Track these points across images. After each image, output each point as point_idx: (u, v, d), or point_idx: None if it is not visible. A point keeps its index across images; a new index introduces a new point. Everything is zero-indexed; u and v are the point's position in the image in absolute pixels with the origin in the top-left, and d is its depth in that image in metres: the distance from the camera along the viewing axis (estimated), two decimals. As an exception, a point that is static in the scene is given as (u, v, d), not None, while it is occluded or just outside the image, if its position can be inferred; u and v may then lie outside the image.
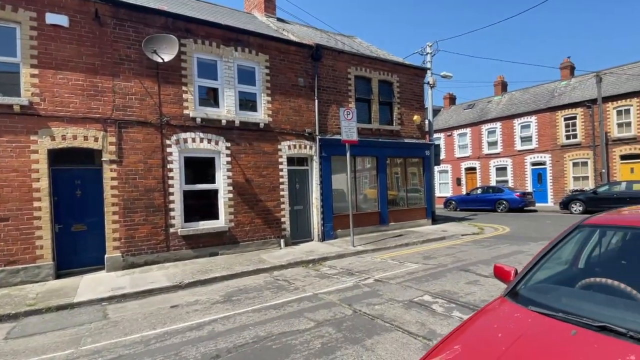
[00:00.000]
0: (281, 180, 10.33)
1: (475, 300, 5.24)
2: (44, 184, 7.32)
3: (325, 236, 11.08)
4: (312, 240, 11.14)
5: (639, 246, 2.89)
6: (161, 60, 8.23)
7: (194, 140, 9.00)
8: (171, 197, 8.66)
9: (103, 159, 7.95)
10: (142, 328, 4.82)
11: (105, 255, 7.91)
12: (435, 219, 14.74)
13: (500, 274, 2.74)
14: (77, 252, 7.88)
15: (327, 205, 11.16)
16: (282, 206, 10.32)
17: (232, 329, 4.63)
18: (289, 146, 10.51)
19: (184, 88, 8.92)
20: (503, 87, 27.33)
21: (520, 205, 19.15)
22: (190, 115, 8.93)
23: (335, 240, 11.07)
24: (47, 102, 7.41)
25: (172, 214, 8.65)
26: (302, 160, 11.15)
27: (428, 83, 13.81)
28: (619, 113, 19.73)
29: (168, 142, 8.68)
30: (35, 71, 7.32)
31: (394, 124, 12.98)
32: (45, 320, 5.37)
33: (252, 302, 5.72)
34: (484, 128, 25.44)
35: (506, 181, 24.00)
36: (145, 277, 7.43)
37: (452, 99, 31.25)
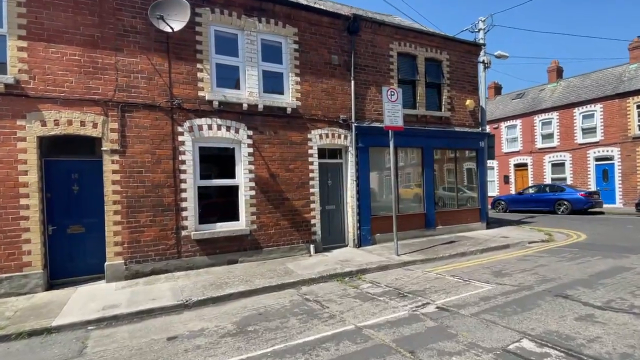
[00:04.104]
0: (311, 175, 8.78)
1: (610, 354, 3.42)
2: (33, 177, 6.17)
3: (361, 241, 9.44)
4: (346, 245, 9.53)
5: None
6: (170, 30, 6.90)
7: (210, 127, 7.63)
8: (183, 195, 7.34)
9: (103, 148, 6.74)
10: (119, 378, 3.41)
11: (105, 263, 6.69)
12: (489, 222, 12.68)
13: None
14: (73, 258, 6.71)
15: (364, 205, 9.51)
16: (312, 206, 8.78)
17: (241, 389, 3.11)
18: (321, 135, 8.94)
19: (198, 66, 7.57)
20: (558, 73, 24.34)
21: (586, 206, 16.54)
22: (206, 98, 7.57)
23: (373, 247, 9.39)
24: (38, 81, 6.27)
25: (184, 214, 7.33)
26: (335, 152, 9.55)
27: (483, 62, 11.79)
28: None
29: (180, 129, 7.36)
30: (24, 44, 6.18)
31: (443, 110, 11.08)
32: (8, 352, 4.12)
33: (274, 336, 4.20)
34: (537, 119, 22.68)
35: (564, 179, 21.21)
36: (148, 290, 6.13)
37: (497, 89, 28.45)
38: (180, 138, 7.35)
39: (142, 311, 5.24)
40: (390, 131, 8.25)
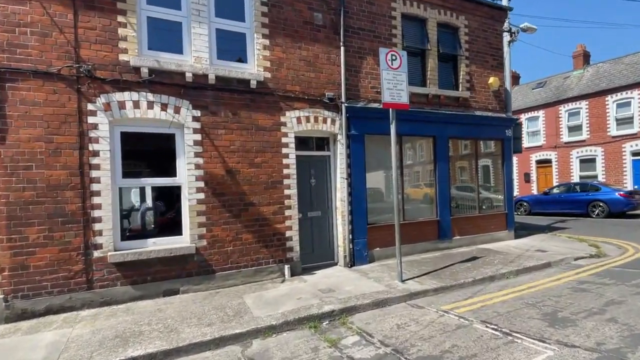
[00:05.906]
0: (286, 172, 6.57)
1: None
2: None
3: (355, 258, 7.21)
4: (335, 263, 7.31)
5: None
6: (63, -40, 4.75)
7: (137, 104, 5.47)
8: (96, 200, 5.19)
9: (-32, 133, 4.63)
10: None
11: (-29, 300, 4.58)
12: (515, 229, 10.32)
13: None
14: None
15: (358, 211, 7.28)
16: (288, 213, 6.57)
17: None
18: (299, 118, 6.73)
19: (120, 19, 5.41)
20: (585, 58, 21.73)
21: (626, 208, 14.06)
22: (132, 64, 5.41)
23: (371, 266, 7.16)
24: None
25: (97, 226, 5.18)
26: (321, 142, 7.34)
27: (509, 31, 9.49)
28: None
29: (91, 107, 5.21)
30: None
31: (461, 89, 8.77)
32: None
33: None
34: (563, 109, 20.13)
35: (595, 176, 18.68)
36: (18, 346, 4.00)
37: (515, 78, 25.86)
38: (91, 119, 5.20)
39: (-34, 399, 3.11)
40: (390, 110, 5.99)
